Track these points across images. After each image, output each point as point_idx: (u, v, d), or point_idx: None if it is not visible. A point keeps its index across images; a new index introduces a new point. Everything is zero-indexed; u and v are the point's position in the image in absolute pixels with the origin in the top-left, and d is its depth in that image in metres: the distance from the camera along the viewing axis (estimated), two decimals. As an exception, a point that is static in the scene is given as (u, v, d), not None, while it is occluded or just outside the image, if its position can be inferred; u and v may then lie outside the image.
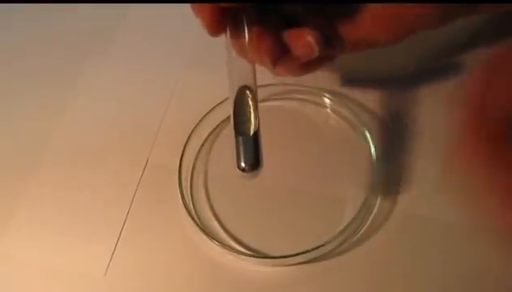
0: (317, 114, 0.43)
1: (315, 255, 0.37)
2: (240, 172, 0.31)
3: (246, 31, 0.34)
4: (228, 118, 0.42)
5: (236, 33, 0.34)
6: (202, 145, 0.43)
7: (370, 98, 0.42)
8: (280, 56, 0.35)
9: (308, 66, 0.36)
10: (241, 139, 0.31)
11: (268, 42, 0.34)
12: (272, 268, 0.37)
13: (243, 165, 0.31)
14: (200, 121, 0.42)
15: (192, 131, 0.42)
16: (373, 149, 0.39)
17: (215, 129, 0.43)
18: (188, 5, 0.46)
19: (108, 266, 0.38)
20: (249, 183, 0.34)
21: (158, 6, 0.49)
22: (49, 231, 0.40)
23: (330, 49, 0.35)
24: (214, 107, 0.42)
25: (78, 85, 0.47)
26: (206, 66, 0.45)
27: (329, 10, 0.35)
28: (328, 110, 0.43)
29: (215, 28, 0.33)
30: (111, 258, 0.39)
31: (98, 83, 0.47)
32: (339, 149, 0.41)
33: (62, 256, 0.39)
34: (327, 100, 0.43)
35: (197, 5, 0.34)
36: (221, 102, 0.42)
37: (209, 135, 0.43)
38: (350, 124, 0.42)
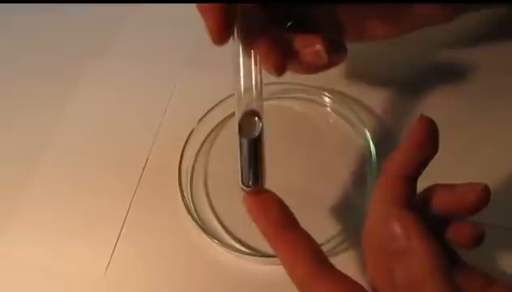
0: (317, 113, 0.43)
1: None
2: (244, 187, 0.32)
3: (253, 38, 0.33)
4: (228, 117, 0.43)
5: (244, 43, 0.33)
6: (202, 145, 0.42)
7: (370, 98, 0.42)
8: (287, 64, 0.33)
9: (314, 69, 0.35)
10: (245, 141, 0.31)
11: (276, 55, 0.33)
12: (272, 267, 0.37)
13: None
14: (200, 120, 0.42)
15: (192, 131, 0.42)
16: (373, 149, 0.39)
17: (214, 129, 0.43)
18: (188, 5, 0.47)
19: (107, 265, 0.38)
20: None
21: (158, 5, 0.49)
22: (48, 231, 0.40)
23: (338, 55, 0.34)
24: (214, 107, 0.42)
25: (78, 85, 0.47)
26: (206, 66, 0.45)
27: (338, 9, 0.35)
28: (328, 109, 0.43)
29: (221, 34, 0.31)
30: (110, 257, 0.39)
31: (98, 82, 0.47)
32: (339, 149, 0.41)
33: (62, 256, 0.39)
34: (327, 100, 0.42)
35: (203, 4, 0.32)
36: (221, 102, 0.42)
37: (209, 135, 0.43)
38: (350, 124, 0.42)
